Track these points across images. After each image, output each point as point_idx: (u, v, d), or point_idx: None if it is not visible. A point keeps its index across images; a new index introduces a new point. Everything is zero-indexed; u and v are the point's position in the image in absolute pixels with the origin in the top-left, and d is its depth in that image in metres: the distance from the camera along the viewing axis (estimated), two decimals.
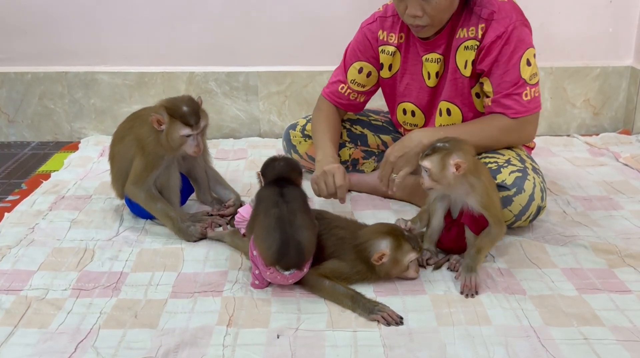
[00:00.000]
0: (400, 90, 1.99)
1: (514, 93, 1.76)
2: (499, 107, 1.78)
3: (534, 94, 1.78)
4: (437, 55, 1.87)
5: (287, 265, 1.46)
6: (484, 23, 1.76)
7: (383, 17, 1.95)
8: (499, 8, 1.76)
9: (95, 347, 1.33)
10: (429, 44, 1.87)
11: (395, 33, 1.93)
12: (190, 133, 1.76)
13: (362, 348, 1.32)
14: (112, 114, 2.81)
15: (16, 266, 1.65)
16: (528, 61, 1.76)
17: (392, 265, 1.53)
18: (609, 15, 2.78)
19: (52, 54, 2.78)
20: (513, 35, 1.73)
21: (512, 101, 1.77)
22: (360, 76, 2.00)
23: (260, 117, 2.85)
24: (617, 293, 1.52)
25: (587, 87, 2.84)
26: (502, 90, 1.77)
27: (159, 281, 1.59)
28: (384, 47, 1.95)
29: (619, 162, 2.45)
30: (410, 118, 2.01)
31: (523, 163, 1.79)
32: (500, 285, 1.56)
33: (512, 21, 1.74)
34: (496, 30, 1.74)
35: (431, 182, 1.55)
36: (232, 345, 1.33)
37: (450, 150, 1.52)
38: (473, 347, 1.32)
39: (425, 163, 1.53)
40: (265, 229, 1.47)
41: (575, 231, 1.84)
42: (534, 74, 1.78)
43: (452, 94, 1.88)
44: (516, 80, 1.75)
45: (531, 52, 1.77)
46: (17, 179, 2.35)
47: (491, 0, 1.78)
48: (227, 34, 2.77)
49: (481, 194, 1.54)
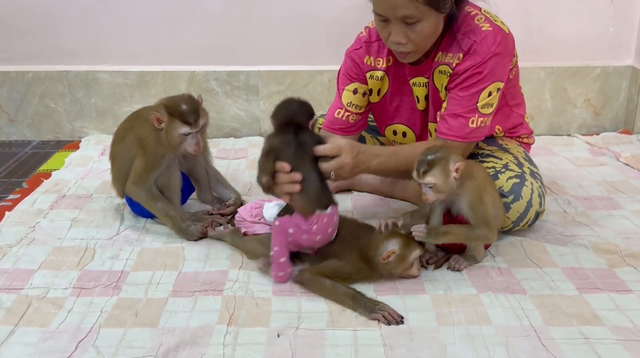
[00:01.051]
0: (389, 112, 1.94)
1: (462, 115, 1.72)
2: (443, 124, 1.74)
3: (480, 123, 1.73)
4: (424, 79, 1.83)
5: (326, 203, 1.53)
6: (462, 54, 1.72)
7: (368, 42, 1.89)
8: (481, 39, 1.69)
9: (96, 345, 1.33)
10: (415, 69, 1.83)
11: (383, 57, 1.87)
12: (189, 131, 1.76)
13: (362, 348, 1.32)
14: (113, 114, 2.81)
15: (17, 265, 1.65)
16: (490, 93, 1.71)
17: (398, 263, 1.53)
18: (609, 15, 2.78)
19: (53, 54, 2.78)
20: (487, 65, 1.69)
21: (456, 122, 1.72)
22: (355, 97, 1.92)
23: (261, 116, 2.85)
24: (618, 292, 1.52)
25: (588, 87, 2.84)
26: (454, 109, 1.72)
27: (159, 280, 1.59)
28: (372, 73, 1.89)
29: (619, 162, 2.45)
30: (401, 138, 1.97)
31: (521, 168, 1.78)
32: (501, 285, 1.56)
33: (490, 51, 1.68)
34: (472, 59, 1.70)
35: (435, 195, 1.53)
36: (232, 344, 1.33)
37: (446, 157, 1.51)
38: (473, 346, 1.32)
39: (429, 179, 1.51)
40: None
41: (575, 230, 1.84)
42: (489, 104, 1.72)
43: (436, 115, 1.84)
44: (470, 105, 1.71)
45: (496, 86, 1.72)
46: (17, 179, 2.36)
47: (475, 30, 1.71)
48: (228, 34, 2.77)
49: (472, 194, 1.54)
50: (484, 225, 1.55)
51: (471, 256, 1.65)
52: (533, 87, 2.80)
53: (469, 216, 1.56)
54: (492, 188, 1.63)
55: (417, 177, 1.53)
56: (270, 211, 1.71)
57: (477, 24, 1.72)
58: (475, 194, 1.55)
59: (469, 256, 1.66)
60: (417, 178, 1.53)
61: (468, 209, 1.55)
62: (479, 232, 1.56)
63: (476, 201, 1.55)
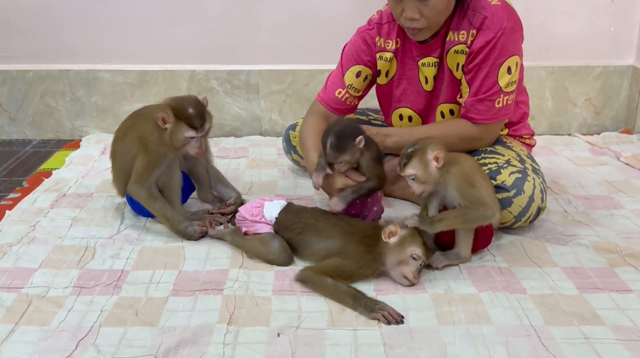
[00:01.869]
0: (396, 96, 1.98)
1: (487, 99, 1.76)
2: (470, 110, 1.79)
3: (507, 102, 1.78)
4: (434, 59, 1.86)
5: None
6: (475, 30, 1.75)
7: (379, 23, 1.93)
8: (491, 13, 1.73)
9: (96, 344, 1.33)
10: (425, 49, 1.85)
11: (392, 39, 1.91)
12: (194, 136, 1.77)
13: (362, 347, 1.32)
14: (114, 113, 2.81)
15: (17, 264, 1.65)
16: (509, 69, 1.75)
17: (395, 250, 1.52)
18: (610, 15, 2.78)
19: (54, 52, 2.78)
20: (500, 42, 1.72)
21: (483, 106, 1.77)
22: (357, 80, 1.96)
23: (261, 115, 2.85)
24: (618, 292, 1.52)
25: (589, 87, 2.84)
26: (478, 94, 1.77)
27: (159, 279, 1.59)
28: (382, 54, 1.93)
29: (620, 161, 2.45)
30: (407, 123, 1.99)
31: (523, 164, 1.79)
32: (501, 284, 1.56)
33: (502, 27, 1.72)
34: (485, 36, 1.73)
35: (420, 186, 1.57)
36: (232, 344, 1.33)
37: (423, 147, 1.55)
38: (473, 346, 1.32)
39: (409, 171, 1.56)
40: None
41: (576, 230, 1.84)
42: (511, 82, 1.77)
43: (451, 95, 1.87)
44: (492, 86, 1.75)
45: (514, 60, 1.76)
46: (18, 177, 2.36)
47: (485, 5, 1.75)
48: (228, 33, 2.77)
49: (457, 178, 1.56)
50: (480, 206, 1.55)
51: (454, 255, 1.65)
52: (534, 86, 2.80)
53: (461, 201, 1.56)
54: (482, 174, 1.63)
55: (399, 171, 1.58)
56: (271, 210, 1.71)
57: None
58: (461, 178, 1.56)
59: (452, 255, 1.65)
60: (399, 172, 1.58)
61: (458, 195, 1.56)
62: (475, 213, 1.56)
63: (464, 185, 1.56)
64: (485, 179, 1.63)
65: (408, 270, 1.54)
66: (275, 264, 1.65)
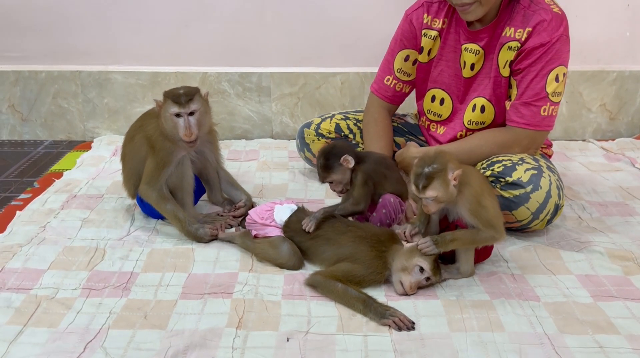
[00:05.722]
0: (433, 75, 2.00)
1: (533, 104, 1.76)
2: (515, 113, 1.79)
3: (552, 111, 1.78)
4: (477, 47, 1.86)
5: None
6: (531, 28, 1.76)
7: (429, 2, 1.97)
8: (551, 18, 1.75)
9: (104, 347, 1.33)
10: (472, 34, 1.87)
11: (440, 18, 1.94)
12: (178, 111, 1.75)
13: (372, 353, 1.31)
14: (125, 114, 2.82)
15: (27, 265, 1.65)
16: (557, 77, 1.76)
17: (404, 255, 1.51)
18: (626, 19, 2.75)
19: (66, 54, 2.79)
20: (554, 47, 1.74)
21: (528, 111, 1.78)
22: (406, 64, 2.02)
23: (272, 118, 2.84)
24: (633, 300, 1.49)
25: (603, 92, 2.81)
26: (525, 97, 1.77)
27: (169, 281, 1.59)
28: (427, 32, 1.96)
29: (635, 168, 2.42)
30: (438, 106, 2.00)
31: (537, 161, 1.78)
32: (514, 291, 1.54)
33: (559, 33, 1.75)
34: (541, 38, 1.75)
35: (437, 205, 1.51)
36: (241, 348, 1.32)
37: (443, 168, 1.47)
38: (486, 353, 1.30)
39: (430, 193, 1.47)
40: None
41: (590, 237, 1.82)
42: (557, 92, 1.78)
43: (490, 92, 1.87)
44: (540, 91, 1.76)
45: (562, 70, 1.77)
46: (29, 178, 2.36)
47: (547, 8, 1.77)
48: (240, 35, 2.76)
49: (470, 201, 1.51)
50: (490, 228, 1.53)
51: (455, 270, 1.61)
52: None
53: (472, 222, 1.52)
54: (489, 191, 1.60)
55: (417, 192, 1.49)
56: (281, 213, 1.70)
57: (549, 3, 1.78)
58: (474, 200, 1.51)
59: (453, 268, 1.61)
60: (417, 193, 1.50)
61: (470, 216, 1.51)
62: (485, 235, 1.53)
63: (476, 207, 1.51)
64: (492, 195, 1.59)
65: (407, 279, 1.51)
66: (285, 268, 1.64)
